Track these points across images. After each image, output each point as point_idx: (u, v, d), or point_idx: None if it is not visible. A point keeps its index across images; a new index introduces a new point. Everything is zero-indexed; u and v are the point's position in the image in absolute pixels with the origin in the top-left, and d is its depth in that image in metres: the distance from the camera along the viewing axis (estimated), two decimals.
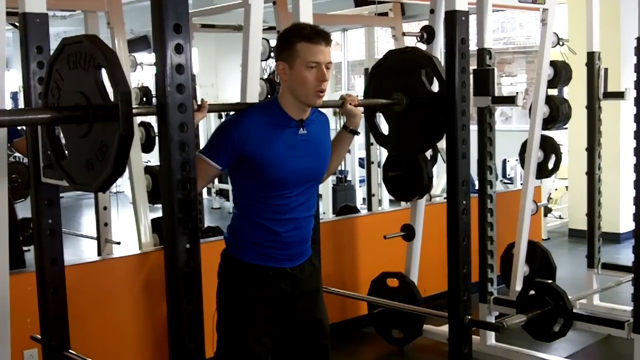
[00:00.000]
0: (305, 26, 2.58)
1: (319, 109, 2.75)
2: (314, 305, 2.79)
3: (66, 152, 2.21)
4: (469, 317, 2.90)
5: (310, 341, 2.78)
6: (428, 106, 2.95)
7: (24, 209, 4.95)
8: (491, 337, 4.57)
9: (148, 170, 4.94)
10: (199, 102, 2.44)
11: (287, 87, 2.58)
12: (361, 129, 2.90)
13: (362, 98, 3.12)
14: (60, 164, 2.21)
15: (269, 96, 4.92)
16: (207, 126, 10.06)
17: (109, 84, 1.94)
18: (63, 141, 2.27)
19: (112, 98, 1.94)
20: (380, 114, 3.61)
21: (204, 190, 9.69)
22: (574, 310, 3.97)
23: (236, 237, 2.69)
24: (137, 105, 2.14)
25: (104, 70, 1.96)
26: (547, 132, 4.70)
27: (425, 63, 3.02)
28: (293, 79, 2.54)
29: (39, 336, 3.07)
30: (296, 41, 2.51)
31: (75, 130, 2.06)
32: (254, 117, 2.56)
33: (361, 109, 2.89)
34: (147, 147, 5.14)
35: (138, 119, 5.23)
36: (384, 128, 3.70)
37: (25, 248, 4.98)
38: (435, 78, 3.05)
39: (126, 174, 4.73)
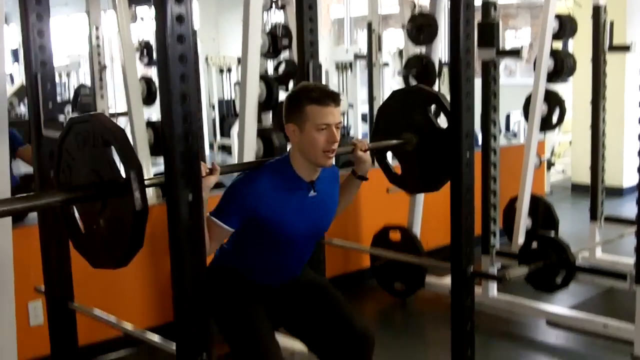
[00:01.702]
0: (314, 88, 2.55)
1: None
2: (308, 281, 2.84)
3: (83, 228, 2.18)
4: (472, 267, 2.90)
5: (311, 296, 2.79)
6: (438, 143, 2.93)
7: (24, 166, 4.95)
8: (493, 289, 4.59)
9: (149, 124, 4.93)
10: (210, 166, 2.38)
11: (297, 149, 2.56)
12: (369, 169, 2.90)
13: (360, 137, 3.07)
14: (79, 243, 2.19)
15: (271, 49, 4.88)
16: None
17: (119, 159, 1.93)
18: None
19: (122, 173, 1.92)
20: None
21: (207, 146, 9.68)
22: (576, 263, 3.98)
23: (222, 261, 2.73)
24: (149, 177, 2.11)
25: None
26: (551, 86, 4.67)
27: (431, 100, 3.00)
28: (303, 141, 2.51)
29: (43, 288, 3.09)
30: (306, 104, 2.49)
31: (90, 207, 2.05)
32: (264, 180, 2.53)
33: (369, 154, 2.88)
34: (148, 101, 5.12)
35: (139, 72, 5.20)
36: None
37: None
38: (443, 115, 3.02)
39: (128, 128, 4.73)
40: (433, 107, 3.07)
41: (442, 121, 3.01)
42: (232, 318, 2.64)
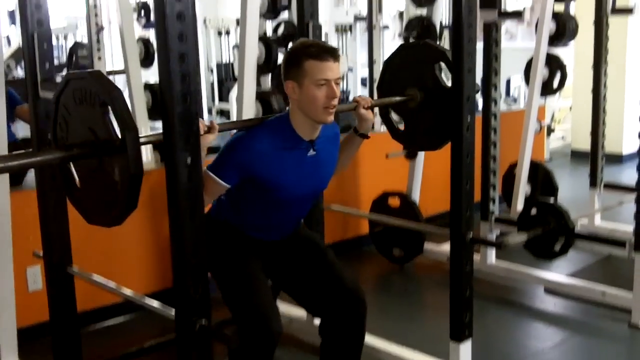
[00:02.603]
0: (313, 43, 2.53)
1: None
2: (306, 239, 2.87)
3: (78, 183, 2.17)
4: (471, 233, 2.88)
5: (309, 256, 2.81)
6: (443, 100, 2.88)
7: (24, 129, 4.92)
8: (492, 256, 4.59)
9: (147, 86, 4.88)
10: (209, 124, 2.34)
11: (297, 106, 2.53)
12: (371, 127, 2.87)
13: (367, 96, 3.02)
14: (74, 198, 2.17)
15: (270, 10, 4.82)
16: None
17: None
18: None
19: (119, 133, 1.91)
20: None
21: (205, 111, 9.62)
22: (575, 230, 3.97)
23: (220, 213, 2.74)
24: (145, 134, 2.09)
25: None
26: (552, 50, 4.62)
27: (438, 57, 2.95)
28: (303, 97, 2.48)
29: (41, 253, 3.08)
30: (304, 60, 2.46)
31: (87, 163, 2.04)
32: (264, 138, 2.51)
33: (371, 112, 2.84)
34: (146, 63, 5.06)
35: (137, 33, 5.14)
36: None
37: None
38: (449, 72, 2.97)
39: (126, 92, 4.68)
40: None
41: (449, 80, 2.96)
42: (231, 279, 2.65)
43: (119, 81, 5.99)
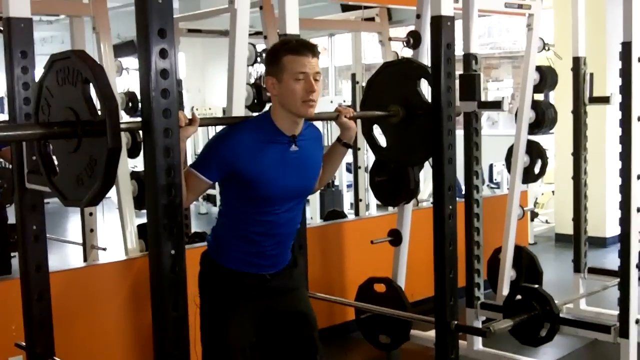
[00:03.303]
0: (292, 39, 2.62)
1: (313, 122, 2.77)
2: (297, 300, 2.82)
3: (57, 167, 2.20)
4: (456, 322, 2.89)
5: (296, 333, 2.79)
6: (425, 117, 2.94)
7: (10, 215, 4.92)
8: (478, 342, 4.57)
9: (134, 175, 4.92)
10: (191, 116, 2.41)
11: (277, 102, 2.59)
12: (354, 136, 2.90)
13: (351, 106, 3.10)
14: (52, 181, 2.21)
15: (255, 101, 4.92)
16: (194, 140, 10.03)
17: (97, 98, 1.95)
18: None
19: (100, 112, 1.94)
20: (377, 126, 3.61)
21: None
22: (561, 315, 3.97)
23: (218, 241, 2.72)
24: (126, 121, 2.16)
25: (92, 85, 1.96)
26: (533, 137, 4.72)
27: (420, 73, 3.02)
28: (282, 92, 2.54)
29: (24, 343, 3.05)
30: (282, 54, 2.53)
31: (65, 146, 2.08)
32: (245, 133, 2.56)
33: (354, 122, 2.89)
34: (132, 152, 5.11)
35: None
36: (381, 140, 3.71)
37: (12, 254, 4.96)
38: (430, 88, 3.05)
39: None
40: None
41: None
42: (212, 324, 2.65)
43: None
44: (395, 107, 3.06)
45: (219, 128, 2.75)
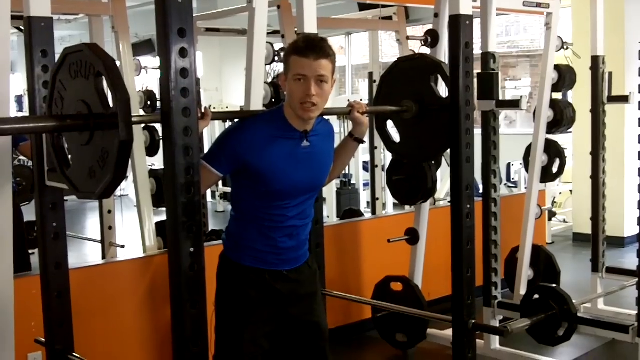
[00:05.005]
0: (303, 39, 2.60)
1: (326, 117, 2.78)
2: (311, 308, 2.81)
3: (70, 160, 2.22)
4: (473, 320, 2.89)
5: (308, 343, 2.79)
6: (438, 113, 2.94)
7: (28, 212, 4.96)
8: (495, 341, 4.56)
9: (152, 173, 4.95)
10: (203, 110, 2.43)
11: (287, 98, 2.61)
12: (366, 132, 2.90)
13: (368, 104, 3.11)
14: (65, 173, 2.23)
15: (273, 100, 4.93)
16: (211, 132, 10.05)
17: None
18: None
19: (112, 105, 1.96)
20: (390, 122, 3.61)
21: (208, 194, 9.69)
22: (579, 315, 3.96)
23: (233, 240, 2.73)
24: (139, 114, 2.17)
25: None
26: (551, 136, 4.70)
27: (434, 69, 3.02)
28: (287, 90, 2.57)
29: (43, 339, 3.07)
30: (290, 54, 2.55)
31: (78, 139, 2.10)
32: (257, 127, 2.58)
33: (368, 117, 2.89)
34: (151, 151, 5.14)
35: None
36: (394, 135, 3.71)
37: (30, 251, 4.99)
38: (445, 84, 3.03)
39: (131, 177, 4.75)
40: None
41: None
42: (228, 328, 2.65)
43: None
44: (408, 103, 3.06)
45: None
